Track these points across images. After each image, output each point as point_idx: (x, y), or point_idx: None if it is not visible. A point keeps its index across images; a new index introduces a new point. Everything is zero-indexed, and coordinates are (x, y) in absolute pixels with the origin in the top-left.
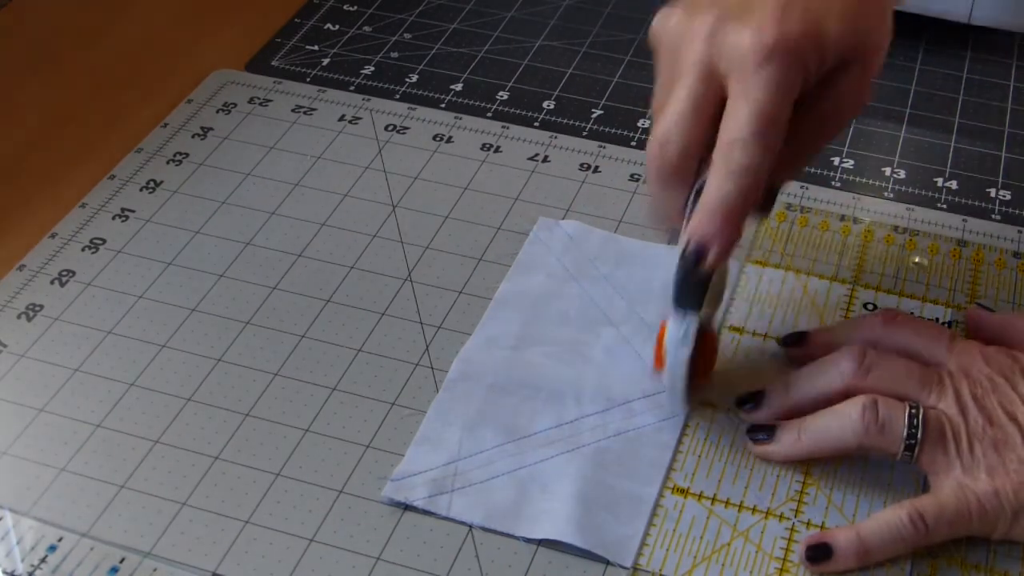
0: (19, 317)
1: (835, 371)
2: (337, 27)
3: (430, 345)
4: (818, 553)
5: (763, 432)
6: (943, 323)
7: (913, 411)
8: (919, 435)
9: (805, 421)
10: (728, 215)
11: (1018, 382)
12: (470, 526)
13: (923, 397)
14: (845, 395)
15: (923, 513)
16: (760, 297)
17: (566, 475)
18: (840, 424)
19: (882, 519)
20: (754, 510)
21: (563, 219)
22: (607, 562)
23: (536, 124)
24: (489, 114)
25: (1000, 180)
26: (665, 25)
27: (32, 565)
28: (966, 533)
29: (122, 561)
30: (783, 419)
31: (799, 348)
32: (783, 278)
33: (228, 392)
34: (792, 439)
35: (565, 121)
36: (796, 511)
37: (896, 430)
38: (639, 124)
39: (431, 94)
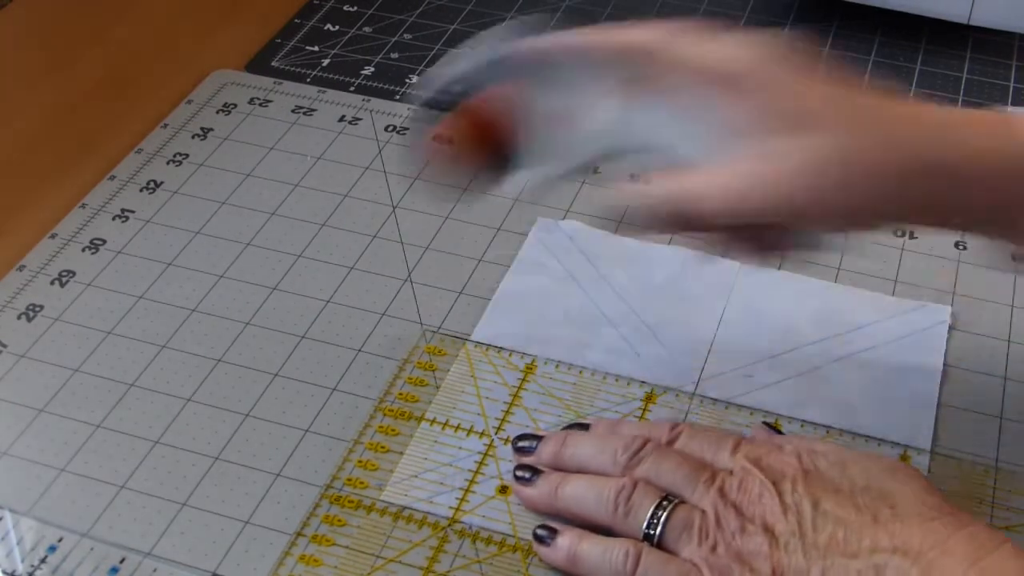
0: (19, 317)
1: (609, 453)
2: (337, 28)
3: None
4: (543, 536)
5: (527, 471)
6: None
7: (664, 503)
8: (659, 528)
9: (567, 480)
10: None
11: (787, 490)
12: (469, 525)
13: (687, 492)
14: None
15: (641, 558)
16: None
17: None
18: (595, 497)
19: (605, 542)
20: None
21: (563, 219)
22: None
23: None
24: None
25: None
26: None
27: (32, 565)
28: None
29: (122, 561)
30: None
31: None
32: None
33: (228, 392)
34: (548, 492)
35: None
36: None
37: (638, 517)
38: None
39: None
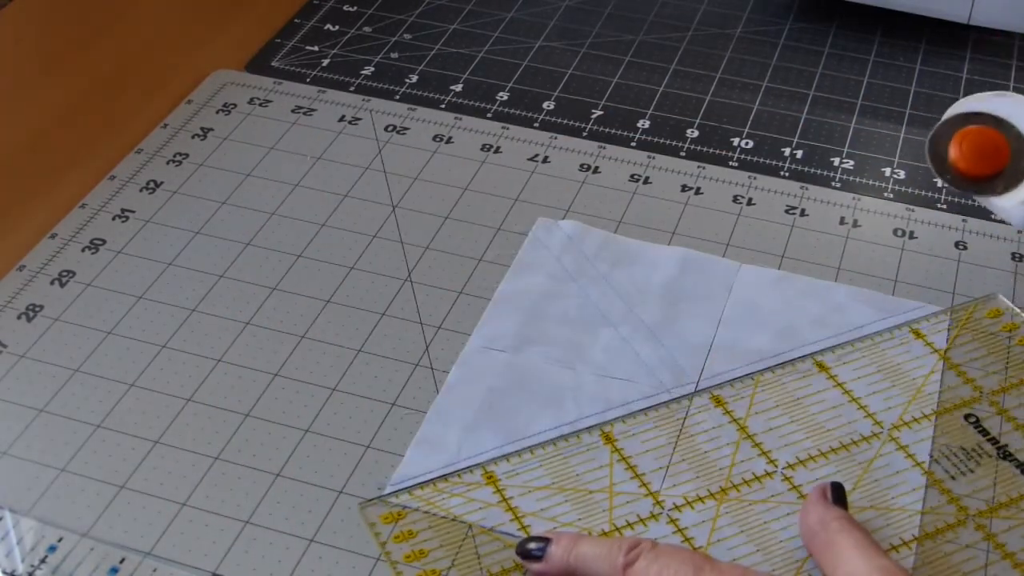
0: (19, 317)
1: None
2: (337, 28)
3: (430, 345)
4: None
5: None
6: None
7: None
8: None
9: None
10: None
11: None
12: (469, 525)
13: None
14: None
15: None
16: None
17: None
18: None
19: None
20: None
21: (563, 219)
22: None
23: (536, 124)
24: (489, 115)
25: None
26: None
27: (32, 565)
28: None
29: (122, 561)
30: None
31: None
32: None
33: (228, 392)
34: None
35: (565, 121)
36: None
37: None
38: (639, 124)
39: (431, 95)
